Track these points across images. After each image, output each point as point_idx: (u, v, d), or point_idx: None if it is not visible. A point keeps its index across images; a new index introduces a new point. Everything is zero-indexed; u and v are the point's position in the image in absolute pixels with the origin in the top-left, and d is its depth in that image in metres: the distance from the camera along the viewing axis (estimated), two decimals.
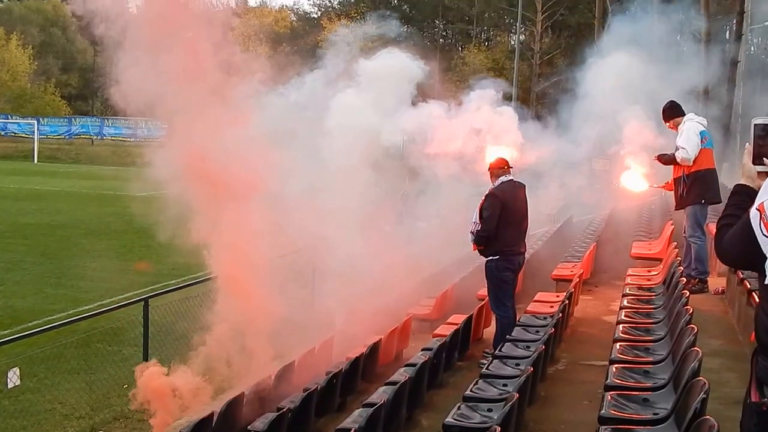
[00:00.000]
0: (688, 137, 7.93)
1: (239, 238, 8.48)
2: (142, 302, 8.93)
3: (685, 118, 8.13)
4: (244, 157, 8.44)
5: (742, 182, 2.85)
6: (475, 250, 7.45)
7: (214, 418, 6.22)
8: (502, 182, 7.34)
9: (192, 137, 8.26)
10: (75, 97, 61.97)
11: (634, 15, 12.33)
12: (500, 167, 7.41)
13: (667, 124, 8.36)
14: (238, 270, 8.48)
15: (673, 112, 8.25)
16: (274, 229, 9.33)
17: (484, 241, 7.28)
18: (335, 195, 10.45)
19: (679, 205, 8.26)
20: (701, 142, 7.94)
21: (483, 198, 7.34)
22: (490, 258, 7.36)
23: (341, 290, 10.18)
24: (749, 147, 2.81)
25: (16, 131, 52.25)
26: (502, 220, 7.20)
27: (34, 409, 8.64)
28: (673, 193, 8.46)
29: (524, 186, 7.56)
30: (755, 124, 2.79)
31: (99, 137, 50.68)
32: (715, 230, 2.92)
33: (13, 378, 7.53)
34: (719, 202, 8.57)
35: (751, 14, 26.31)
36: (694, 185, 7.97)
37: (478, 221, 7.27)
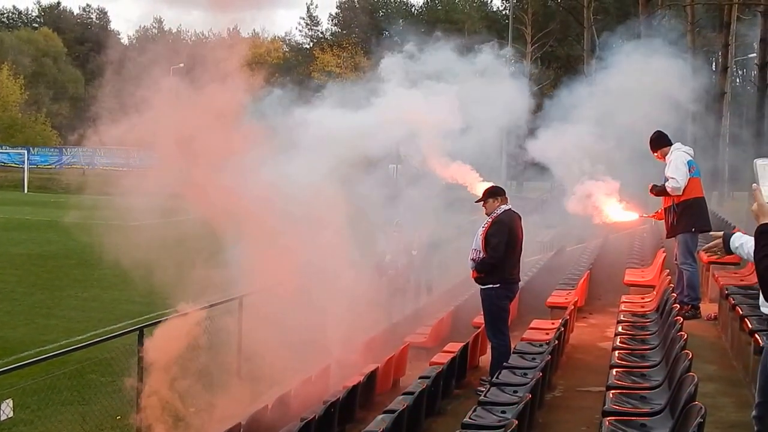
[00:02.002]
0: (676, 167, 8.01)
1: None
2: (137, 332, 8.92)
3: (672, 147, 8.21)
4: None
5: (766, 221, 2.95)
6: (474, 277, 7.43)
7: None
8: (504, 210, 7.37)
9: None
10: (66, 127, 62.12)
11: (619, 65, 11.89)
12: (499, 195, 7.45)
13: (655, 154, 8.45)
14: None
15: (660, 142, 8.33)
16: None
17: (489, 268, 7.23)
18: (328, 222, 10.49)
19: (670, 233, 8.36)
20: (689, 171, 8.03)
21: (487, 225, 7.29)
22: (489, 286, 7.32)
23: (336, 319, 10.21)
24: (758, 187, 2.92)
25: (5, 161, 52.19)
26: (506, 248, 7.22)
27: None
28: (663, 221, 8.57)
29: (520, 216, 7.61)
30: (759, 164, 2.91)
31: (90, 167, 50.61)
32: (755, 269, 3.00)
33: (6, 410, 7.46)
34: (709, 230, 8.67)
35: (735, 47, 26.87)
36: (684, 214, 8.06)
37: (481, 249, 7.23)
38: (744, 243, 4.27)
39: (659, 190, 8.25)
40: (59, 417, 8.98)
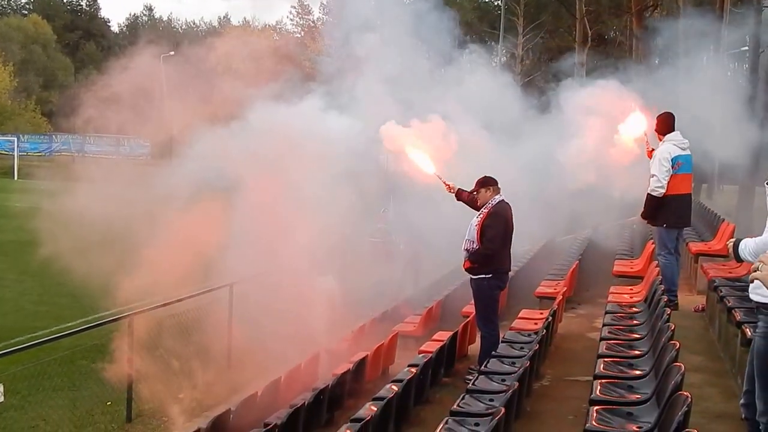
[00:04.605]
0: (659, 164, 7.81)
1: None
2: (127, 318, 8.95)
3: (665, 138, 7.93)
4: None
5: None
6: (467, 267, 7.39)
7: None
8: (498, 201, 7.33)
9: None
10: (56, 114, 61.69)
11: None
12: (492, 185, 7.41)
13: (658, 135, 8.12)
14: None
15: (662, 128, 8.00)
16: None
17: (483, 259, 7.20)
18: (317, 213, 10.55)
19: (646, 216, 8.20)
20: (673, 167, 7.78)
21: (483, 216, 7.24)
22: (482, 276, 7.30)
23: (325, 307, 10.26)
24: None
25: None
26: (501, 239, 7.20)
27: (18, 426, 8.59)
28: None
29: (511, 206, 7.58)
30: None
31: (81, 154, 50.28)
32: None
33: None
34: (685, 226, 8.55)
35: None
36: (662, 208, 7.89)
37: (475, 239, 7.18)
38: (747, 244, 4.39)
39: (649, 207, 7.96)
40: (50, 402, 9.00)
